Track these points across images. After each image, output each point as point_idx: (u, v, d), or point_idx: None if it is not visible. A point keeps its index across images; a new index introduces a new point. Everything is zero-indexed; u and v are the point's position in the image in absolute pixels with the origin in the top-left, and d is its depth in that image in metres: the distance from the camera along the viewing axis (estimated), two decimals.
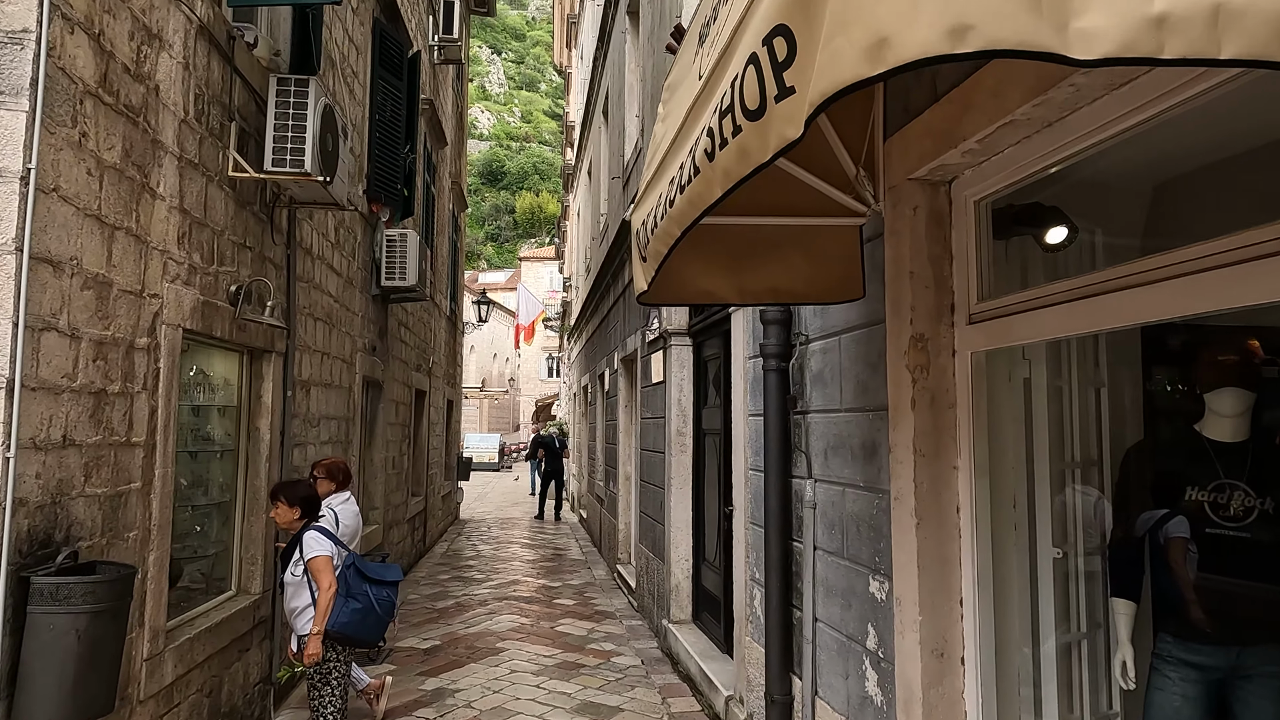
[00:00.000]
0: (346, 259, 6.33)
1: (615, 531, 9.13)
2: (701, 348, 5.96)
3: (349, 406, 6.41)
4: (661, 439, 6.42)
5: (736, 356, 4.29)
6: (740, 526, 4.20)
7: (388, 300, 7.72)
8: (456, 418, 14.49)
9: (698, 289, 2.60)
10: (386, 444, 7.97)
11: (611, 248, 9.06)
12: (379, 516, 7.65)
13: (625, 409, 8.95)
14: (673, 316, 6.10)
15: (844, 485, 2.97)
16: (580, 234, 16.61)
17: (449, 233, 12.78)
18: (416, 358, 9.78)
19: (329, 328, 5.83)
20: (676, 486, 6.01)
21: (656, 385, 6.68)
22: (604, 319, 10.92)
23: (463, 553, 11.03)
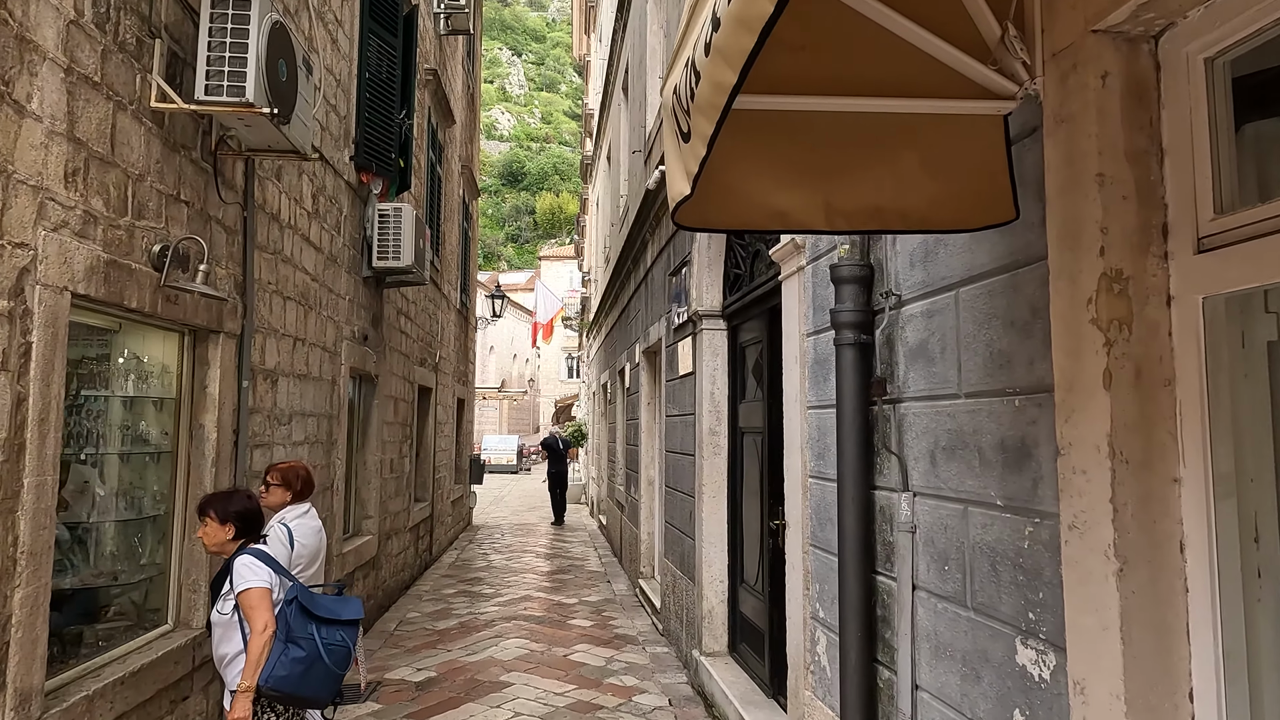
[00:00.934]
0: (329, 233, 5.52)
1: (637, 542, 8.26)
2: (738, 331, 5.08)
3: (332, 402, 5.60)
4: (690, 439, 5.55)
5: (790, 334, 3.41)
6: (796, 548, 3.32)
7: (382, 284, 6.91)
8: (468, 417, 13.70)
9: (765, 207, 1.72)
10: (382, 445, 7.17)
11: (632, 229, 8.21)
12: (373, 526, 6.84)
13: (648, 406, 8.08)
14: (704, 296, 5.22)
15: (965, 502, 2.08)
16: (599, 224, 15.78)
17: (459, 220, 11.99)
18: (420, 351, 8.98)
19: (304, 310, 5.02)
20: (709, 495, 5.13)
21: (684, 378, 5.80)
22: (624, 309, 10.06)
23: (472, 563, 10.22)
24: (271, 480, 3.58)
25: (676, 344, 6.10)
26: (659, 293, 7.06)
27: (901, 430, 2.42)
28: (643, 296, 8.18)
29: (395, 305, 7.55)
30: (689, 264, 5.57)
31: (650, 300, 7.59)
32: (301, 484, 3.62)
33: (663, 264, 6.83)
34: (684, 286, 5.74)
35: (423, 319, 9.05)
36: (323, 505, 5.43)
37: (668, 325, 6.53)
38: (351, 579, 6.23)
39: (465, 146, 12.64)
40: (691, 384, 5.54)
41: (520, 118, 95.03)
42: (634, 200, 8.51)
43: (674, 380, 6.21)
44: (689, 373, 5.60)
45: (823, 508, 3.02)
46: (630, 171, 9.38)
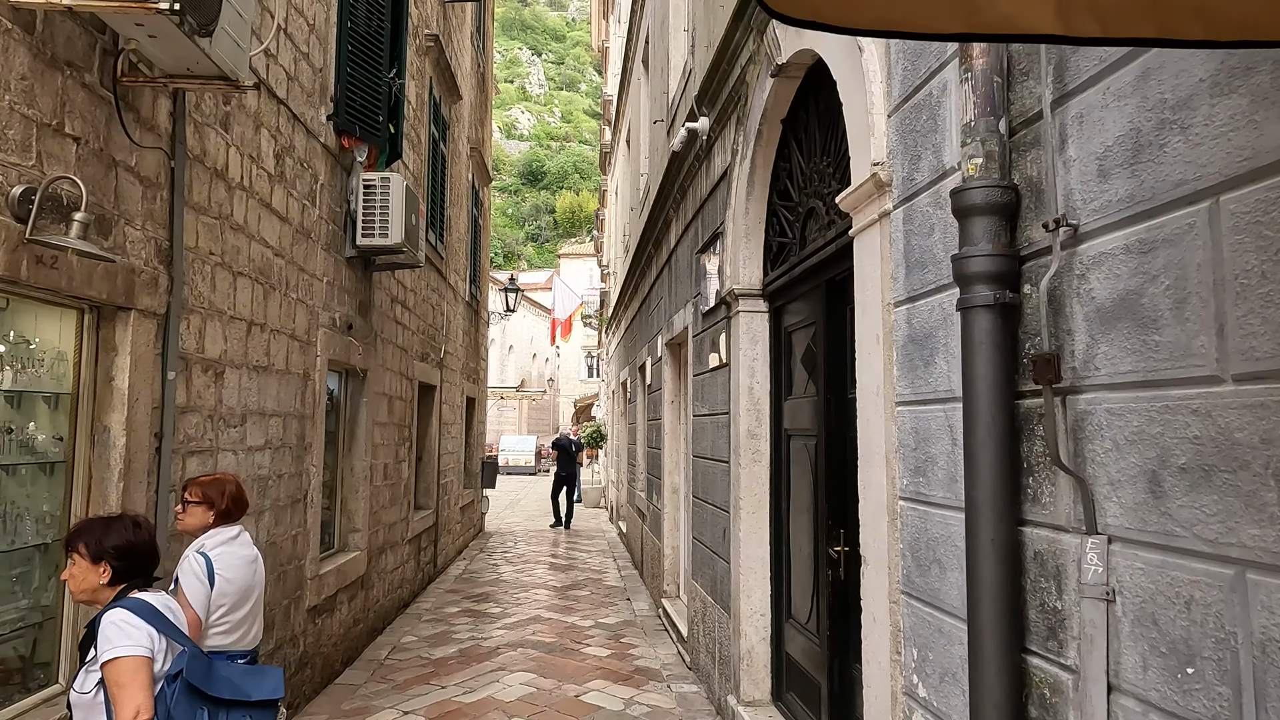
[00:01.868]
0: (299, 202, 4.72)
1: (659, 556, 7.40)
2: (781, 314, 4.21)
3: (304, 399, 4.79)
4: (723, 443, 4.68)
5: (868, 305, 2.54)
6: (879, 594, 2.45)
7: (371, 266, 6.11)
8: (479, 417, 12.91)
9: None
10: (373, 449, 6.37)
11: (654, 207, 7.36)
12: (361, 540, 6.04)
13: (671, 405, 7.22)
14: (741, 272, 4.35)
15: (1238, 564, 1.20)
16: (617, 214, 14.96)
17: (468, 205, 11.20)
18: (421, 345, 8.18)
19: (265, 290, 4.22)
20: (747, 511, 4.26)
21: (715, 371, 4.94)
22: (645, 299, 9.20)
23: (480, 576, 9.41)
24: (190, 497, 2.78)
25: (705, 332, 5.24)
26: (684, 275, 6.20)
27: (1082, 437, 1.55)
28: (665, 282, 7.33)
29: (388, 292, 6.76)
30: (721, 235, 4.71)
31: (674, 285, 6.73)
32: (229, 501, 2.81)
33: (689, 242, 5.97)
34: (716, 264, 4.88)
35: (423, 309, 8.25)
36: (293, 521, 4.63)
37: (695, 312, 5.66)
38: (333, 603, 5.43)
39: (475, 129, 11.85)
40: (725, 378, 4.68)
41: (540, 117, 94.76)
42: (655, 176, 7.66)
43: (703, 374, 5.35)
44: (721, 365, 4.73)
45: (924, 543, 2.15)
46: (652, 147, 8.53)
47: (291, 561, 4.63)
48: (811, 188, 3.61)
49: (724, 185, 4.80)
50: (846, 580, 3.30)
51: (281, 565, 4.48)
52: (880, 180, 2.42)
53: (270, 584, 4.32)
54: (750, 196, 4.27)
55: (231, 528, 2.80)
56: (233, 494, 2.82)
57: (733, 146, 4.47)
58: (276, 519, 4.40)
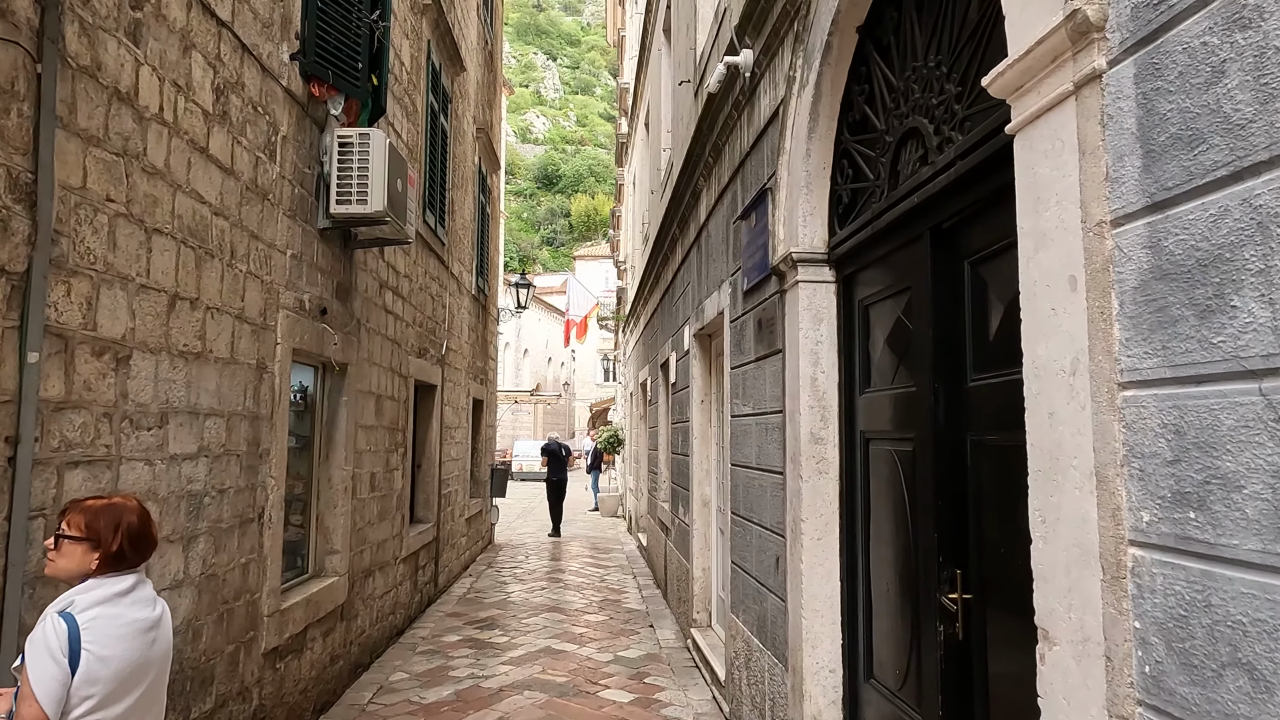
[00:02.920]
0: (251, 154, 3.84)
1: (687, 578, 6.47)
2: (854, 283, 3.28)
3: (257, 395, 3.91)
4: (775, 450, 3.75)
5: (1052, 231, 1.60)
6: (1087, 696, 1.51)
7: (351, 242, 5.23)
8: (488, 421, 12.03)
9: None
10: (357, 456, 5.48)
11: (679, 181, 6.45)
12: (340, 564, 5.15)
13: (701, 405, 6.29)
14: (799, 232, 3.42)
15: None
16: (635, 204, 14.08)
17: (474, 191, 10.34)
18: (418, 339, 7.31)
19: (198, 256, 3.34)
20: (811, 535, 3.31)
21: (763, 360, 4.02)
22: (668, 289, 8.28)
23: (486, 596, 8.50)
24: (68, 530, 1.91)
25: (748, 314, 4.31)
26: (718, 252, 5.28)
27: None
28: (694, 265, 6.41)
29: (376, 275, 5.88)
30: (771, 191, 3.79)
31: (705, 266, 5.81)
32: (124, 540, 1.94)
33: (724, 211, 5.05)
34: (761, 228, 3.95)
35: (421, 299, 7.38)
36: (241, 546, 3.74)
37: (733, 292, 4.74)
38: (302, 641, 4.54)
39: (483, 110, 11.00)
40: (776, 369, 3.74)
41: (555, 121, 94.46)
42: (680, 147, 6.76)
43: (745, 366, 4.41)
44: (773, 351, 3.80)
45: (1203, 630, 1.22)
46: (675, 118, 7.63)
47: (240, 597, 3.74)
48: (910, 103, 2.68)
49: (772, 131, 3.88)
50: (970, 640, 2.36)
51: (224, 603, 3.59)
52: (1082, 23, 1.48)
53: (209, 627, 3.44)
54: (813, 133, 3.34)
55: (123, 577, 1.92)
56: (130, 529, 1.94)
57: (788, 75, 3.54)
58: (216, 545, 3.51)
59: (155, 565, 3.02)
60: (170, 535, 3.13)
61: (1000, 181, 2.10)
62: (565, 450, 14.38)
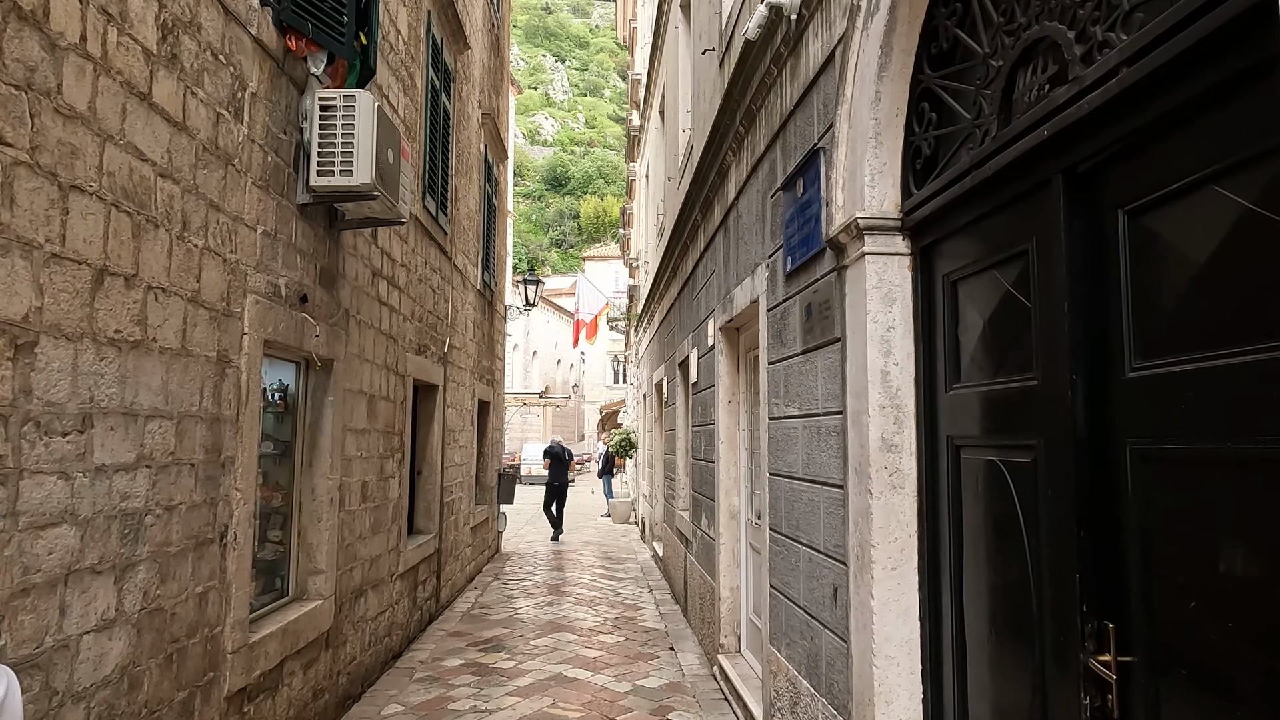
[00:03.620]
0: (210, 108, 3.26)
1: (713, 598, 5.85)
2: (934, 255, 2.68)
3: (217, 395, 3.32)
4: (831, 458, 3.13)
5: None
6: None
7: (337, 222, 4.65)
8: (495, 424, 11.43)
9: None
10: (345, 463, 4.90)
11: (704, 158, 5.85)
12: (325, 585, 4.56)
13: (728, 406, 5.67)
14: (864, 195, 2.81)
15: None
16: (648, 198, 13.48)
17: (480, 179, 9.76)
18: (417, 334, 6.72)
19: (135, 224, 2.75)
20: (883, 565, 2.70)
21: (813, 352, 3.40)
22: (687, 281, 7.67)
23: (492, 612, 7.90)
24: None
25: (792, 300, 3.69)
26: (750, 233, 4.67)
27: None
28: (719, 252, 5.80)
29: (367, 262, 5.29)
30: (823, 152, 3.19)
31: (734, 250, 5.20)
32: None
33: (760, 184, 4.44)
34: (811, 196, 3.34)
35: (420, 292, 6.79)
36: (197, 573, 3.16)
37: (771, 276, 4.13)
38: (278, 676, 3.95)
39: (489, 96, 10.43)
40: (833, 361, 3.13)
41: (564, 123, 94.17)
42: (704, 123, 6.16)
43: (788, 360, 3.80)
44: (827, 341, 3.19)
45: None
46: (697, 94, 7.03)
47: (195, 633, 3.15)
48: (1033, 8, 2.07)
49: (825, 80, 3.27)
50: (1128, 716, 1.75)
51: (174, 642, 3.00)
52: None
53: (152, 673, 2.85)
54: (884, 72, 2.73)
55: None
56: None
57: (849, 5, 2.93)
58: (163, 573, 2.92)
59: (75, 604, 2.43)
60: (97, 565, 2.54)
61: (1198, 88, 1.49)
62: (569, 454, 14.14)
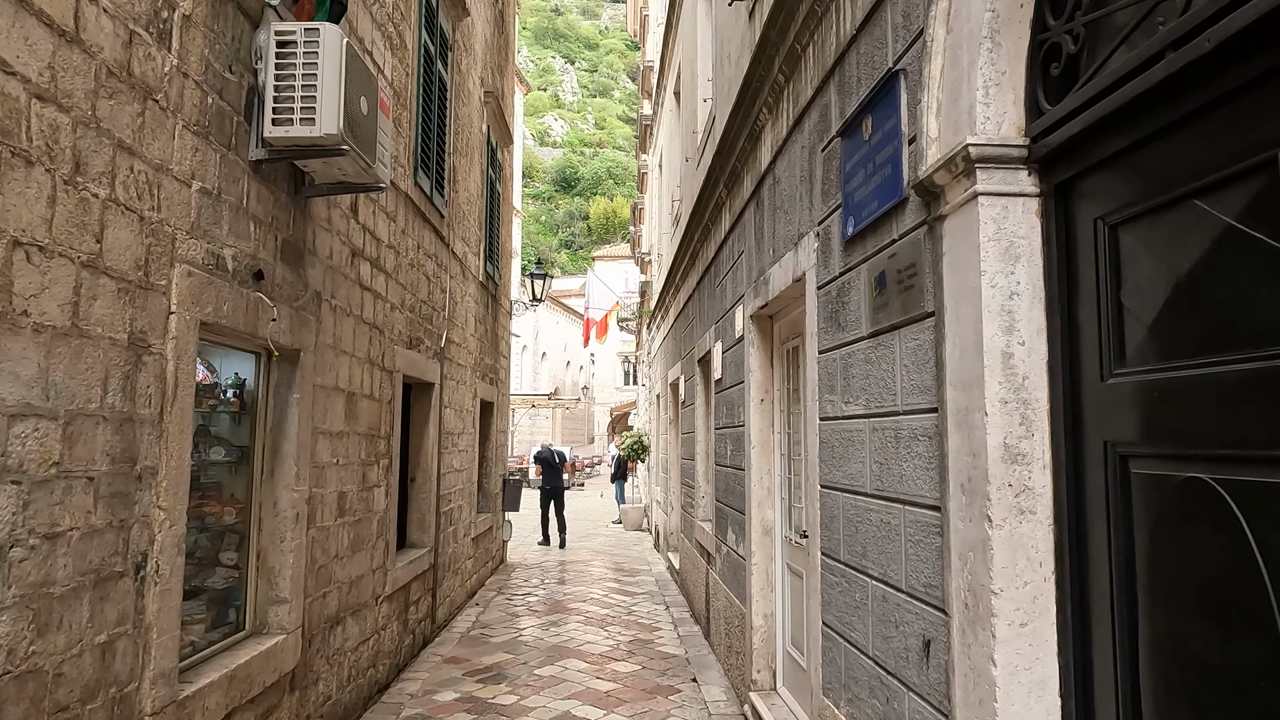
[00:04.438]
0: (122, 25, 2.55)
1: (743, 625, 5.12)
2: (1076, 194, 1.94)
3: (132, 389, 2.61)
4: (918, 469, 2.39)
5: None
6: None
7: (304, 186, 3.94)
8: (498, 426, 10.72)
9: None
10: (318, 471, 4.20)
11: (729, 127, 5.13)
12: (287, 617, 3.85)
13: (760, 405, 4.94)
14: (978, 115, 2.08)
15: None
16: (662, 188, 12.77)
17: (482, 163, 9.07)
18: (408, 326, 6.02)
19: None
20: (1007, 617, 1.96)
21: (887, 334, 2.67)
22: (709, 268, 6.94)
23: (493, 633, 7.18)
24: None
25: (857, 270, 2.96)
26: (791, 200, 3.93)
27: None
28: (749, 228, 5.07)
29: (345, 240, 4.59)
30: (903, 75, 2.46)
31: (770, 223, 4.47)
32: None
33: (805, 140, 3.71)
34: (887, 135, 2.61)
35: (412, 279, 6.09)
36: (98, 619, 2.46)
37: (822, 246, 3.40)
38: None
39: (493, 75, 9.74)
40: (922, 344, 2.39)
41: (573, 124, 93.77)
42: (728, 90, 5.44)
43: (849, 345, 3.06)
44: (913, 318, 2.45)
45: None
46: (719, 58, 6.30)
47: (96, 696, 2.44)
48: None
49: None
50: None
51: (61, 710, 2.29)
52: None
53: None
54: None
55: None
56: None
57: None
58: (41, 623, 2.21)
59: None
60: None
61: None
62: (560, 457, 14.12)
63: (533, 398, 31.74)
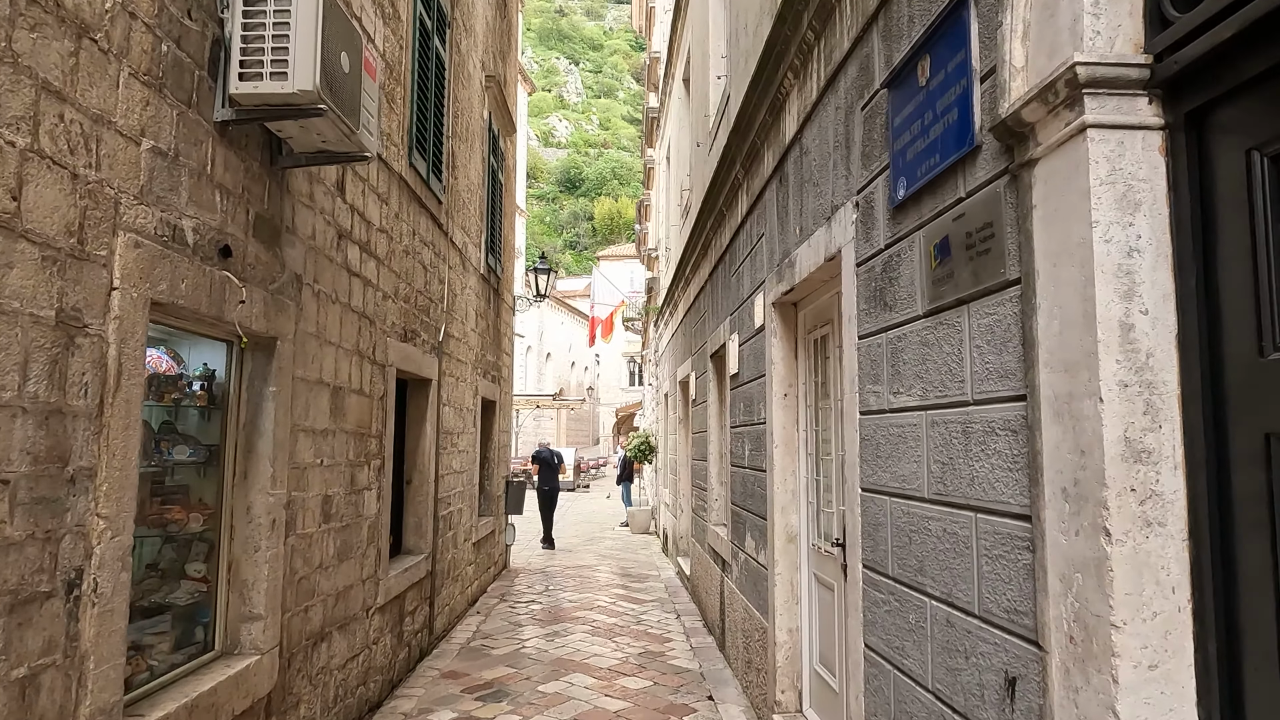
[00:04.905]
0: None
1: (765, 643, 4.71)
2: (1212, 124, 1.53)
3: (61, 377, 2.21)
4: (994, 469, 1.98)
5: None
6: None
7: (279, 155, 3.55)
8: (501, 425, 10.32)
9: None
10: (298, 473, 3.80)
11: (746, 100, 4.72)
12: (262, 635, 3.45)
13: (783, 400, 4.53)
14: (1084, 29, 1.67)
15: None
16: (670, 181, 12.37)
17: (483, 150, 8.68)
18: (403, 317, 5.62)
19: None
20: (1132, 657, 1.55)
21: (951, 310, 2.26)
22: (723, 256, 6.54)
23: (494, 644, 6.78)
24: None
25: (911, 237, 2.55)
26: (824, 169, 3.52)
27: None
28: (771, 209, 4.66)
29: (330, 220, 4.19)
30: (971, 3, 2.06)
31: (797, 199, 4.06)
32: None
33: (840, 99, 3.30)
34: (953, 75, 2.21)
35: (406, 267, 5.69)
36: (20, 648, 2.05)
37: (862, 217, 2.99)
38: None
39: (494, 59, 9.36)
40: (1002, 319, 1.98)
41: (578, 124, 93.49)
42: (745, 63, 5.03)
43: (895, 328, 2.65)
44: (987, 289, 2.04)
45: None
46: (734, 32, 5.90)
47: None
48: None
49: None
50: None
51: None
52: None
53: None
54: None
55: None
56: None
57: None
58: None
59: None
60: None
61: None
62: (558, 458, 14.18)
63: (537, 398, 31.37)
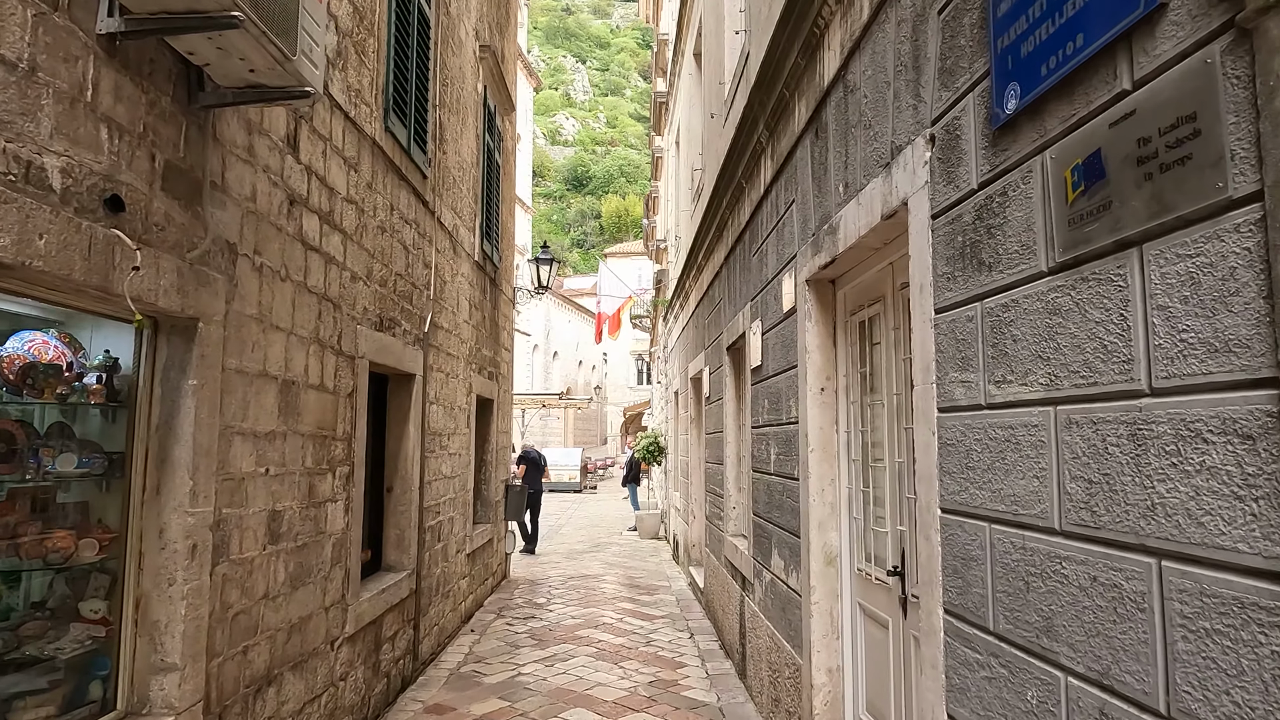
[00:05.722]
0: None
1: (799, 683, 3.99)
2: None
3: None
4: (1232, 499, 1.28)
5: None
6: None
7: (200, 91, 2.84)
8: (500, 426, 9.62)
9: None
10: (232, 485, 3.10)
11: (770, 49, 4.00)
12: (177, 690, 2.75)
13: (819, 396, 3.80)
14: None
15: None
16: (680, 165, 11.67)
17: (478, 126, 7.98)
18: (376, 302, 4.93)
19: None
20: None
21: (1120, 253, 1.54)
22: (741, 235, 5.81)
23: (487, 671, 6.08)
24: None
25: (1030, 161, 1.83)
26: (878, 106, 2.81)
27: None
28: (804, 168, 3.94)
29: (277, 179, 3.49)
30: None
31: (838, 149, 3.33)
32: None
33: (904, 9, 2.58)
34: None
35: (381, 245, 5.00)
36: None
37: (945, 151, 2.27)
38: None
39: (491, 30, 8.66)
40: (1226, 253, 1.26)
41: (585, 123, 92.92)
42: (769, 8, 4.31)
43: (1001, 293, 1.94)
44: (1210, 208, 1.32)
45: None
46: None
47: None
48: None
49: None
50: None
51: None
52: None
53: None
54: None
55: None
56: None
57: None
58: None
59: None
60: None
61: None
62: (543, 460, 14.01)
63: (544, 398, 30.68)
